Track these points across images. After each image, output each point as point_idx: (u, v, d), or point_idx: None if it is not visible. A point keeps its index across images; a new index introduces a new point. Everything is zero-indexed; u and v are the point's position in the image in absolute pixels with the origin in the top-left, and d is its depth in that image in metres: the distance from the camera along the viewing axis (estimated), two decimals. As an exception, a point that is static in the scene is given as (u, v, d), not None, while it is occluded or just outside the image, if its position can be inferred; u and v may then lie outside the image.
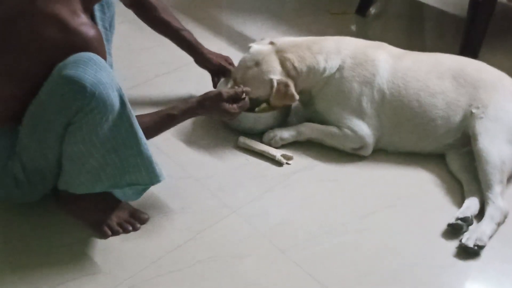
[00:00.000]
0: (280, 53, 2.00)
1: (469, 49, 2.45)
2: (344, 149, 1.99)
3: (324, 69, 1.99)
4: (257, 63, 2.00)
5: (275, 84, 1.96)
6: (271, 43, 2.03)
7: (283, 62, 1.99)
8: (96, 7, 1.74)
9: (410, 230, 1.73)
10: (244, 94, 1.87)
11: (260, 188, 1.86)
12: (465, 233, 1.67)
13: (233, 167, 1.94)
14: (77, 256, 1.59)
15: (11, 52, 1.47)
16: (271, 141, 2.01)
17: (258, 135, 2.03)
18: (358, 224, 1.73)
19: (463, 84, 1.94)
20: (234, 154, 1.99)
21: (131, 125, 1.51)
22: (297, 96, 1.98)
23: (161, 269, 1.57)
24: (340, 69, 1.98)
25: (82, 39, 1.45)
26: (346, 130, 1.96)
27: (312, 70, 1.99)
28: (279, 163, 1.95)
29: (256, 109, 2.03)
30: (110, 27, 1.88)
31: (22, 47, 1.47)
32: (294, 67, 1.98)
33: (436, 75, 1.96)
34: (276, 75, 1.97)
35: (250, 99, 1.94)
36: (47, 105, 1.45)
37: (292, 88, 1.97)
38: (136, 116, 1.55)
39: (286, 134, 2.01)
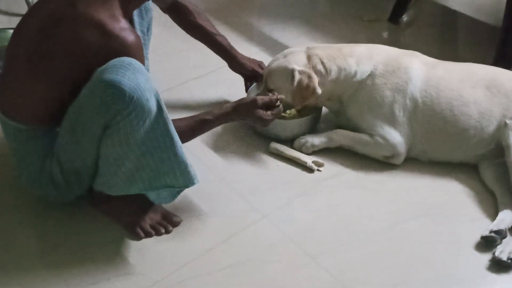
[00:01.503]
0: (309, 50, 2.03)
1: (504, 60, 2.41)
2: (375, 157, 1.98)
3: (356, 73, 1.99)
4: (284, 55, 2.03)
5: (296, 74, 1.95)
6: (306, 48, 2.05)
7: (310, 57, 2.00)
8: (135, 12, 1.77)
9: (441, 240, 1.71)
10: (278, 101, 1.88)
11: (291, 193, 1.87)
12: (498, 246, 1.65)
13: (264, 172, 1.95)
14: (110, 256, 1.62)
15: (52, 56, 1.51)
16: (302, 147, 2.01)
17: (290, 141, 2.04)
18: (388, 233, 1.73)
19: (496, 94, 1.92)
20: (266, 159, 2.00)
21: (167, 129, 1.53)
22: (319, 90, 1.96)
23: (192, 272, 1.59)
24: (371, 75, 1.98)
25: (121, 44, 1.48)
26: (378, 138, 1.95)
27: (342, 72, 1.99)
28: (310, 170, 1.95)
29: (287, 112, 2.04)
30: (147, 32, 1.91)
31: (63, 50, 1.50)
32: (323, 63, 1.98)
33: (469, 85, 1.95)
34: (300, 66, 1.97)
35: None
36: (86, 108, 1.48)
37: (315, 81, 1.95)
38: (172, 120, 1.58)
39: (317, 140, 2.02)
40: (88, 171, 1.61)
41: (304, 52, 2.03)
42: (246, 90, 2.20)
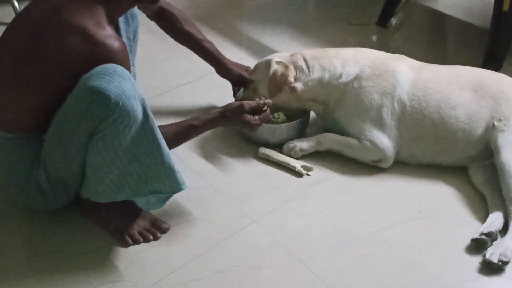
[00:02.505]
0: (295, 52, 2.07)
1: (492, 61, 2.43)
2: (363, 161, 1.98)
3: (341, 75, 1.99)
4: (267, 57, 2.07)
5: (273, 64, 2.00)
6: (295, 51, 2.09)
7: (292, 55, 2.05)
8: (121, 19, 1.76)
9: (431, 244, 1.71)
10: (265, 106, 1.88)
11: (280, 198, 1.86)
12: (489, 249, 1.64)
13: (253, 177, 1.94)
14: (98, 264, 1.61)
15: (37, 63, 1.50)
16: (291, 151, 2.01)
17: (278, 146, 2.04)
18: (378, 237, 1.72)
19: (483, 96, 1.93)
20: (254, 164, 2.00)
21: (153, 135, 1.53)
22: (291, 79, 1.98)
23: (181, 278, 1.58)
24: (358, 78, 1.98)
25: (107, 51, 1.47)
26: (366, 142, 1.95)
27: (327, 73, 2.00)
28: (299, 174, 1.95)
29: (275, 114, 2.05)
30: (134, 39, 1.91)
31: (48, 58, 1.49)
32: (305, 60, 2.01)
33: (456, 87, 1.95)
34: (280, 59, 2.01)
35: (251, 96, 1.97)
36: (71, 115, 1.48)
37: (290, 72, 1.98)
38: (159, 126, 1.57)
39: (306, 145, 2.02)
40: (75, 178, 1.60)
41: (289, 52, 2.09)
42: (234, 95, 2.20)
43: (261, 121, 1.86)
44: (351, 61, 2.01)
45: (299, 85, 2.00)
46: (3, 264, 1.61)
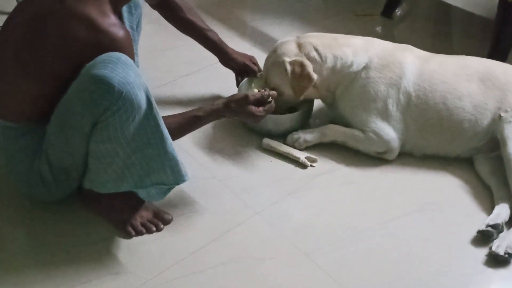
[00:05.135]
0: (300, 39, 2.00)
1: (498, 52, 2.40)
2: (368, 153, 1.96)
3: (352, 63, 1.96)
4: (274, 50, 2.01)
5: (287, 65, 1.94)
6: (297, 37, 2.03)
7: (300, 45, 1.98)
8: (124, 8, 1.75)
9: (437, 236, 1.70)
10: (270, 97, 1.86)
11: (284, 190, 1.85)
12: (495, 241, 1.63)
13: (257, 168, 1.93)
14: (101, 255, 1.60)
15: (40, 52, 1.48)
16: (295, 143, 1.99)
17: (282, 137, 2.02)
18: (383, 229, 1.71)
19: (490, 87, 1.91)
20: (258, 155, 1.98)
21: (157, 125, 1.51)
22: (314, 76, 1.93)
23: (184, 270, 1.57)
24: (366, 68, 1.96)
25: (111, 40, 1.46)
26: (371, 134, 1.93)
27: (339, 61, 1.96)
28: (303, 165, 1.94)
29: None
30: (137, 28, 1.89)
31: (51, 46, 1.47)
32: (317, 50, 1.96)
33: (463, 78, 1.93)
34: (290, 57, 1.95)
35: (279, 100, 1.93)
36: (75, 104, 1.46)
37: (309, 68, 1.93)
38: (162, 117, 1.56)
39: (310, 136, 2.00)
40: (77, 168, 1.58)
41: (293, 42, 2.00)
42: (237, 85, 2.18)
43: (265, 112, 1.84)
44: (362, 50, 1.98)
45: (316, 77, 1.97)
46: (4, 256, 1.60)
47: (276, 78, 1.98)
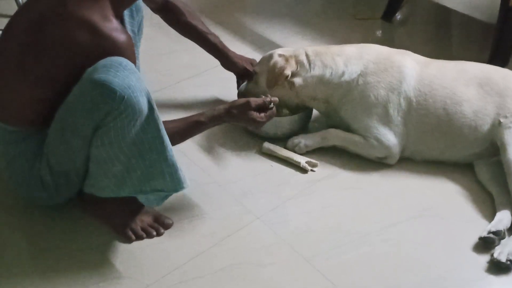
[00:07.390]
0: (299, 48, 2.06)
1: (499, 58, 2.41)
2: (369, 158, 1.96)
3: (343, 73, 1.97)
4: (271, 53, 2.06)
5: (275, 56, 2.00)
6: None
7: (295, 51, 2.04)
8: (126, 12, 1.75)
9: (437, 242, 1.69)
10: (271, 103, 1.86)
11: (284, 195, 1.84)
12: (497, 247, 1.63)
13: (257, 173, 1.93)
14: (100, 260, 1.60)
15: (42, 56, 1.48)
16: (295, 147, 1.99)
17: (280, 140, 2.02)
18: (383, 234, 1.71)
19: (490, 92, 1.91)
20: (258, 160, 1.98)
21: (158, 130, 1.51)
22: (288, 73, 1.96)
23: (184, 275, 1.56)
24: (363, 74, 1.96)
25: (112, 44, 1.46)
26: (372, 140, 1.93)
27: (328, 70, 1.97)
28: (303, 170, 1.93)
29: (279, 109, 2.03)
30: (138, 32, 1.89)
31: (53, 50, 1.47)
32: (307, 56, 2.00)
33: (462, 83, 1.93)
34: (283, 52, 2.01)
35: (279, 104, 1.94)
36: (76, 108, 1.46)
37: (289, 66, 1.96)
38: (163, 121, 1.56)
39: (311, 140, 2.00)
40: (78, 172, 1.58)
41: (293, 47, 2.08)
42: (238, 88, 2.18)
43: (267, 118, 1.84)
44: (354, 59, 1.98)
45: (298, 81, 1.98)
46: (4, 261, 1.59)
47: (262, 65, 2.05)
